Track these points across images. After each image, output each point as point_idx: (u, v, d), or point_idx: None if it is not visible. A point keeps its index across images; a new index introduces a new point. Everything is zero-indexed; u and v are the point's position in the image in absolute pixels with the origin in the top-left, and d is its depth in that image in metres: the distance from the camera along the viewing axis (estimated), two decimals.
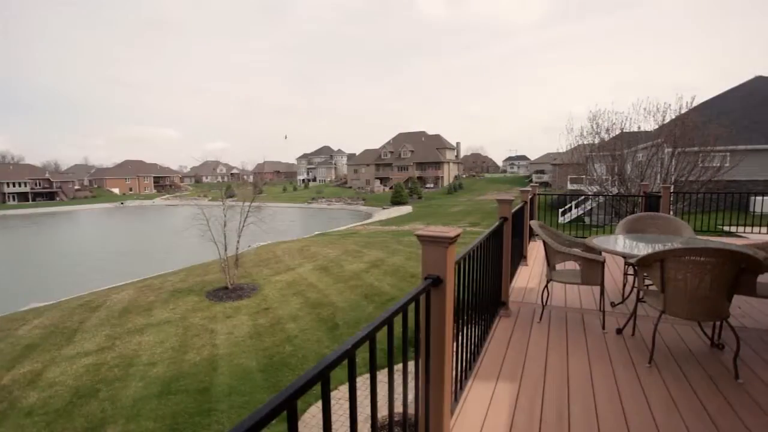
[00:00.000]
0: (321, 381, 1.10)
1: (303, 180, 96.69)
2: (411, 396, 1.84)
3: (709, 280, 2.83)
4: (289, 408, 0.97)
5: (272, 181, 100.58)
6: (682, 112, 17.46)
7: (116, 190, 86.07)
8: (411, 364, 1.84)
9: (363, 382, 5.98)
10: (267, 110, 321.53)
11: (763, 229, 9.30)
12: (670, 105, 17.71)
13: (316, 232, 26.44)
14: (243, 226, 12.42)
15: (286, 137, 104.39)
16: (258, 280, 12.03)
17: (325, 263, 13.70)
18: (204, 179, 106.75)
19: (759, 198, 15.86)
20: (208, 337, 8.29)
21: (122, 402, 6.17)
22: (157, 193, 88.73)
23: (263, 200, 16.55)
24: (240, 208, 12.83)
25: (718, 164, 16.64)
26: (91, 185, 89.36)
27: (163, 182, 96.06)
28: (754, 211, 15.30)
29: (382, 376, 5.03)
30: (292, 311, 9.40)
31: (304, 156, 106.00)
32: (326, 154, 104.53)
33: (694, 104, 18.03)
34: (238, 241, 12.18)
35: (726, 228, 10.79)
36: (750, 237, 8.99)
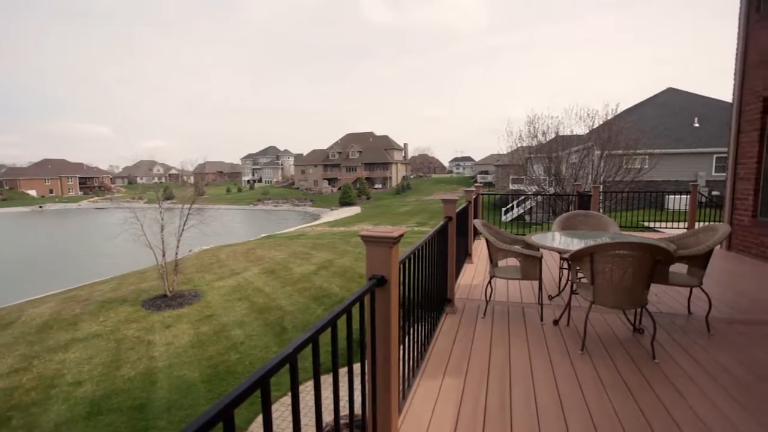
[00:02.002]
0: (261, 388, 1.06)
1: (248, 181, 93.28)
2: (359, 398, 1.83)
3: (631, 272, 3.11)
4: (225, 418, 0.92)
5: (215, 182, 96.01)
6: (609, 118, 19.05)
7: (33, 192, 77.48)
8: (358, 366, 1.83)
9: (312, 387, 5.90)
10: (211, 108, 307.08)
11: (675, 224, 10.38)
12: (597, 111, 19.27)
13: (263, 235, 25.61)
14: (183, 229, 11.74)
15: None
16: (200, 286, 11.43)
17: (272, 266, 13.32)
18: (139, 180, 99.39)
19: (671, 196, 17.72)
20: (144, 350, 7.74)
21: (41, 428, 5.58)
22: (83, 196, 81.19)
23: (205, 202, 15.75)
24: (179, 211, 12.11)
25: (639, 166, 18.36)
26: (1, 186, 79.77)
27: (91, 183, 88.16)
28: (667, 208, 17.07)
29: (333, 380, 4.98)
30: (237, 317, 9.03)
31: (249, 156, 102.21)
32: (272, 154, 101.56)
33: (618, 111, 19.76)
34: (177, 246, 11.49)
35: (646, 223, 11.93)
36: (665, 231, 10.00)
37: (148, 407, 5.89)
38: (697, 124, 23.60)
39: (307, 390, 5.74)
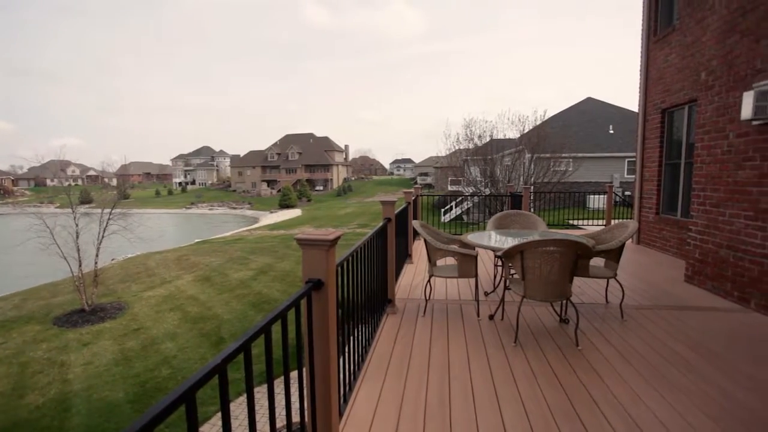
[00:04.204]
0: (186, 404, 0.98)
1: (180, 183, 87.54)
2: (298, 406, 1.78)
3: (557, 267, 3.34)
4: None
5: (142, 184, 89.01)
6: (538, 123, 20.49)
7: None
8: (295, 374, 1.77)
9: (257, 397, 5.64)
10: (136, 105, 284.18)
11: (595, 222, 11.39)
12: (528, 117, 20.69)
13: (197, 240, 24.14)
14: (102, 236, 10.72)
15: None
16: (125, 298, 10.50)
17: (208, 273, 12.60)
18: (49, 182, 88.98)
19: (592, 196, 19.44)
20: (56, 372, 6.94)
21: None
22: None
23: (130, 206, 14.53)
24: (99, 216, 11.04)
25: (564, 168, 19.94)
26: None
27: None
28: (589, 207, 18.69)
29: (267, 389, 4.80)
30: (168, 329, 8.42)
31: (181, 157, 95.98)
32: (206, 155, 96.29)
33: (546, 117, 21.33)
34: (96, 254, 10.46)
35: (571, 221, 12.95)
36: (587, 228, 10.93)
37: None
38: (612, 131, 26.15)
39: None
